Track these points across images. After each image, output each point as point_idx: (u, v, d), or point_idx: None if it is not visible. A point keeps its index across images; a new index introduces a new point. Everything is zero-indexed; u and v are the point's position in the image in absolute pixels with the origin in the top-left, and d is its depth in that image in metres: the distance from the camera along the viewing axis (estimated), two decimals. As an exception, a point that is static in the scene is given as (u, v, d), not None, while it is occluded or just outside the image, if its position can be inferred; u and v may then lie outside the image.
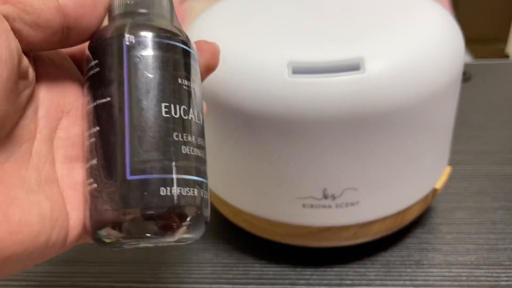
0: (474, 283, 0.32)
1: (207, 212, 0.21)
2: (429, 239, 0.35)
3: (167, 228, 0.19)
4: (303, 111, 0.26)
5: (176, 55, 0.20)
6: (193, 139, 0.20)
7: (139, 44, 0.20)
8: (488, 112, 0.51)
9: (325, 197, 0.29)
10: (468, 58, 1.11)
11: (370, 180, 0.29)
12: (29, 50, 0.20)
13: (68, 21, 0.19)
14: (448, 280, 0.32)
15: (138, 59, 0.20)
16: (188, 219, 0.19)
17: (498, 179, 0.41)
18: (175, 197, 0.19)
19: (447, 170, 0.35)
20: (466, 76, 0.59)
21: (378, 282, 0.32)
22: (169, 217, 0.19)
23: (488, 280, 0.32)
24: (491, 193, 0.39)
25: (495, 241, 0.35)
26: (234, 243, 0.36)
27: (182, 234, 0.20)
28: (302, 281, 0.33)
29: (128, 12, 0.21)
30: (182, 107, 0.20)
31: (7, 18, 0.18)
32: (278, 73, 0.26)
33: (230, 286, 0.33)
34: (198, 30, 0.31)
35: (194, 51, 0.21)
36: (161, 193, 0.19)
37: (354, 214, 0.30)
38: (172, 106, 0.20)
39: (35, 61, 0.20)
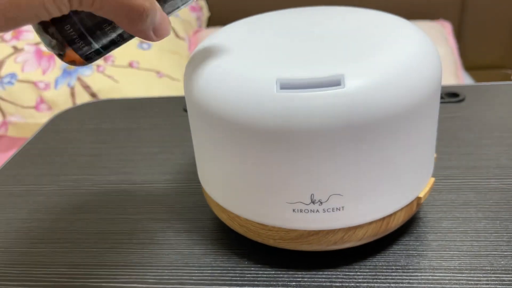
0: (456, 286, 0.34)
1: None
2: (416, 246, 0.38)
3: None
4: (290, 122, 0.29)
5: None
6: None
7: None
8: (479, 130, 0.54)
9: (313, 202, 0.32)
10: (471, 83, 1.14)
11: (354, 187, 0.32)
12: None
13: None
14: (432, 284, 0.34)
15: None
16: None
17: (484, 192, 0.43)
18: None
19: (431, 181, 0.37)
20: (460, 98, 0.61)
21: (365, 285, 0.34)
22: None
23: (469, 283, 0.34)
24: (476, 205, 0.42)
25: (477, 248, 0.37)
26: (232, 248, 0.39)
27: None
28: (293, 283, 0.35)
29: None
30: None
31: None
32: (268, 88, 0.30)
33: (227, 287, 0.35)
34: (198, 56, 0.35)
35: None
36: None
37: (341, 218, 0.33)
38: None
39: None
